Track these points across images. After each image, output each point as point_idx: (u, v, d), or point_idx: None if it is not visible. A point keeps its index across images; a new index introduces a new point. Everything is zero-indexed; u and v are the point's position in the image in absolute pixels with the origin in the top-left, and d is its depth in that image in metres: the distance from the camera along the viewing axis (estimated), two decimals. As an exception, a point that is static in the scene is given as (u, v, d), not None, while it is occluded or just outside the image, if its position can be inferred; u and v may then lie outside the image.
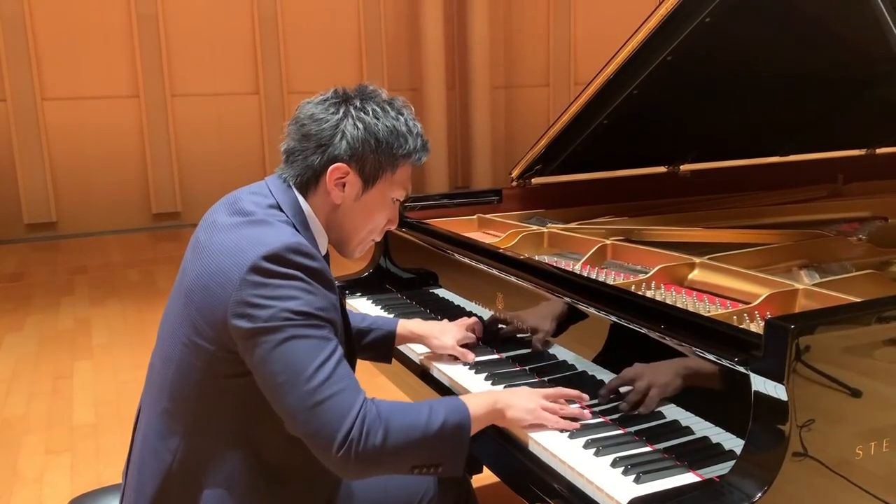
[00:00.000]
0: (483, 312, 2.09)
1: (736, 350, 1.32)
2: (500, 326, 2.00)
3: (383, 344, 1.94)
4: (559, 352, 1.81)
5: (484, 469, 2.47)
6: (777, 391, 1.23)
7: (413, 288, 2.49)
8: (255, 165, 8.48)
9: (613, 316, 1.60)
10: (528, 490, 1.48)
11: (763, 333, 1.27)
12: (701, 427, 1.44)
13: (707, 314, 1.57)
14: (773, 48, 2.39)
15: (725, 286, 1.84)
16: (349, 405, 1.34)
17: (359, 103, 1.51)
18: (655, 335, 1.49)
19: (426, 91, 8.94)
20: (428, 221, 2.48)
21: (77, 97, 7.84)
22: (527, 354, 1.90)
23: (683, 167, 2.96)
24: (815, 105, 2.81)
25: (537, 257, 2.17)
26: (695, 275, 1.93)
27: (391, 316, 2.31)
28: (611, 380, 1.63)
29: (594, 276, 1.95)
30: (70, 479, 3.09)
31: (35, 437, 3.45)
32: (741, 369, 1.30)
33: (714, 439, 1.41)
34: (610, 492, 1.33)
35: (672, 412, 1.49)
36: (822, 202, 2.82)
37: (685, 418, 1.47)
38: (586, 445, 1.48)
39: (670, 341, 1.46)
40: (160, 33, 8.00)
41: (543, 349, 1.85)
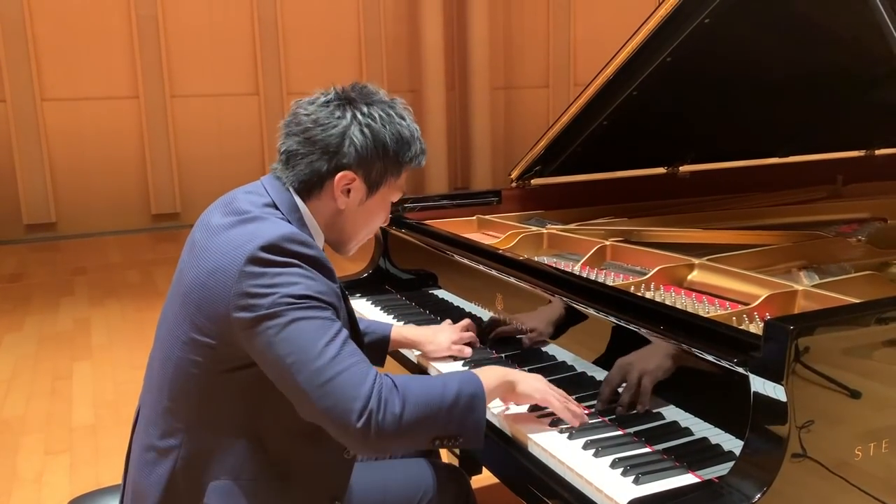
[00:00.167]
0: (482, 313, 2.09)
1: (735, 351, 1.32)
2: (500, 327, 2.00)
3: (378, 347, 1.95)
4: (558, 352, 1.81)
5: (483, 470, 2.48)
6: (776, 392, 1.24)
7: (412, 289, 2.48)
8: (255, 166, 8.47)
9: (613, 317, 1.60)
10: (528, 491, 1.49)
11: (762, 334, 1.27)
12: (700, 428, 1.44)
13: (706, 315, 1.57)
14: (772, 49, 2.39)
15: (725, 287, 1.84)
16: (362, 378, 1.33)
17: (365, 109, 1.50)
18: (655, 336, 1.49)
19: (426, 92, 8.94)
20: (427, 222, 2.48)
21: (77, 98, 7.83)
22: (526, 355, 1.90)
23: (683, 168, 2.96)
24: (814, 106, 2.81)
25: (537, 258, 2.17)
26: (694, 276, 1.93)
27: (391, 317, 2.31)
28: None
29: (593, 277, 1.96)
30: (69, 480, 3.08)
31: (34, 438, 3.45)
32: (740, 370, 1.30)
33: (713, 440, 1.41)
34: (609, 493, 1.33)
35: (671, 413, 1.49)
36: (822, 203, 2.82)
37: (684, 419, 1.47)
38: (586, 446, 1.48)
39: (670, 342, 1.46)
40: (160, 34, 8.00)
41: (542, 350, 1.85)
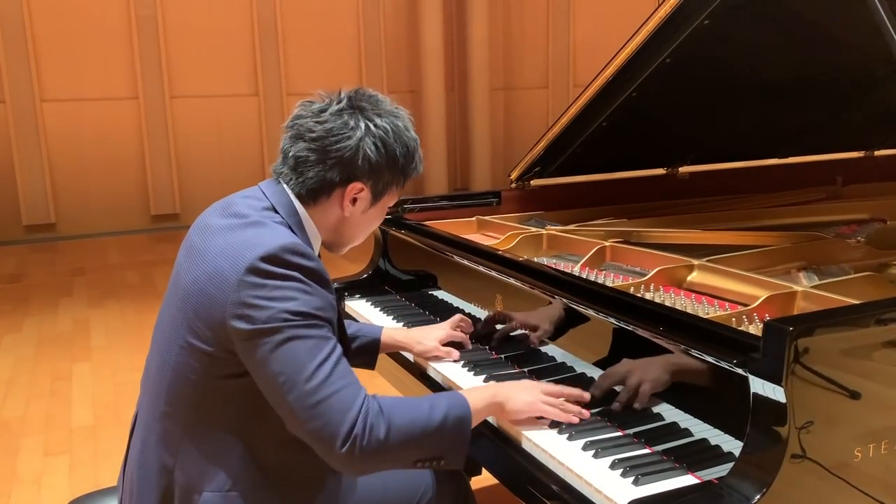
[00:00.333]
0: (482, 314, 2.09)
1: (735, 352, 1.32)
2: (499, 328, 2.00)
3: (368, 351, 1.96)
4: (558, 353, 1.81)
5: (483, 471, 2.48)
6: (776, 393, 1.24)
7: (412, 290, 2.48)
8: (255, 167, 8.48)
9: (612, 318, 1.60)
10: (527, 492, 1.48)
11: (762, 335, 1.27)
12: (700, 429, 1.44)
13: (706, 316, 1.57)
14: (772, 51, 2.39)
15: (724, 288, 1.84)
16: (350, 402, 1.34)
17: (378, 121, 1.51)
18: (654, 337, 1.49)
19: (425, 93, 8.94)
20: (427, 223, 2.48)
21: (76, 99, 7.84)
22: (525, 356, 1.89)
23: (682, 169, 2.96)
24: (814, 107, 2.81)
25: (536, 259, 2.17)
26: (694, 277, 1.93)
27: (390, 318, 2.31)
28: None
29: (593, 278, 1.96)
30: (69, 481, 3.08)
31: (33, 439, 3.45)
32: (740, 371, 1.30)
33: (713, 441, 1.41)
34: (609, 493, 1.33)
35: (671, 414, 1.49)
36: (821, 204, 2.83)
37: (684, 420, 1.47)
38: (585, 447, 1.48)
39: (669, 343, 1.46)
40: (159, 35, 8.00)
41: (542, 351, 1.85)
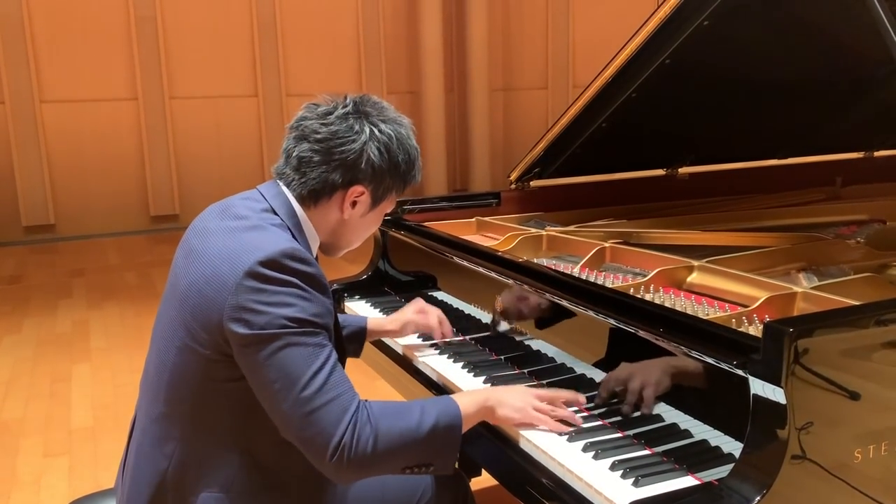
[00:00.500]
0: (482, 315, 2.09)
1: (734, 353, 1.32)
2: (498, 329, 2.00)
3: (356, 339, 2.01)
4: (557, 354, 1.81)
5: (482, 472, 2.48)
6: (775, 394, 1.23)
7: (412, 290, 2.48)
8: (254, 168, 8.48)
9: (612, 319, 1.60)
10: (527, 493, 1.48)
11: (761, 336, 1.27)
12: (700, 430, 1.44)
13: (706, 317, 1.57)
14: (771, 51, 2.39)
15: (724, 289, 1.84)
16: (342, 412, 1.35)
17: (383, 126, 1.52)
18: (654, 338, 1.49)
19: (425, 94, 8.94)
20: (426, 224, 2.48)
21: (75, 100, 7.84)
22: (524, 357, 1.89)
23: (682, 170, 2.96)
24: (814, 108, 2.81)
25: (536, 260, 2.17)
26: (693, 278, 1.93)
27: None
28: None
29: (593, 279, 1.96)
30: (68, 482, 3.08)
31: (33, 441, 3.45)
32: (740, 372, 1.30)
33: (713, 442, 1.41)
34: (609, 495, 1.33)
35: (671, 415, 1.49)
36: (821, 205, 2.83)
37: (684, 421, 1.47)
38: (585, 448, 1.48)
39: (669, 344, 1.46)
40: (159, 35, 8.00)
41: (542, 352, 1.85)
